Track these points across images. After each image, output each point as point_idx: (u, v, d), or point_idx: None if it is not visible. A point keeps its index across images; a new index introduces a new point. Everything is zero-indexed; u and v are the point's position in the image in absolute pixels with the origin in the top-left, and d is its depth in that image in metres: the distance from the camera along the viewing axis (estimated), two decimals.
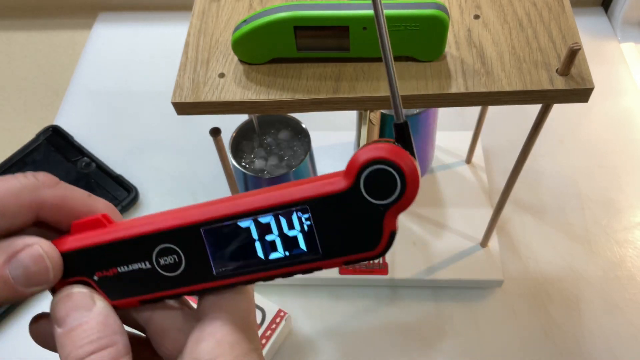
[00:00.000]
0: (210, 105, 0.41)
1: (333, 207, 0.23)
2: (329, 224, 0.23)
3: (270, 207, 0.23)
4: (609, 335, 0.60)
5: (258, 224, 0.24)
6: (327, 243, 0.23)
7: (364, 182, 0.22)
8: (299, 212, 0.23)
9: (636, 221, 0.67)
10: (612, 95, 0.79)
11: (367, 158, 0.22)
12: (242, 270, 0.25)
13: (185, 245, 0.24)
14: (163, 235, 0.25)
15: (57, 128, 0.77)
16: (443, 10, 0.38)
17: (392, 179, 0.22)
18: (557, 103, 0.41)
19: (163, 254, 0.25)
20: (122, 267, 0.25)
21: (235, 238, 0.24)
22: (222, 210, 0.24)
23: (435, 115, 0.62)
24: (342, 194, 0.22)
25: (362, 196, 0.22)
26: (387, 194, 0.22)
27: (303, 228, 0.23)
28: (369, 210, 0.22)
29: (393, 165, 0.22)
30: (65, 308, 0.24)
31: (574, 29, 0.42)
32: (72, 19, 0.94)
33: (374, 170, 0.22)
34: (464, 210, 0.66)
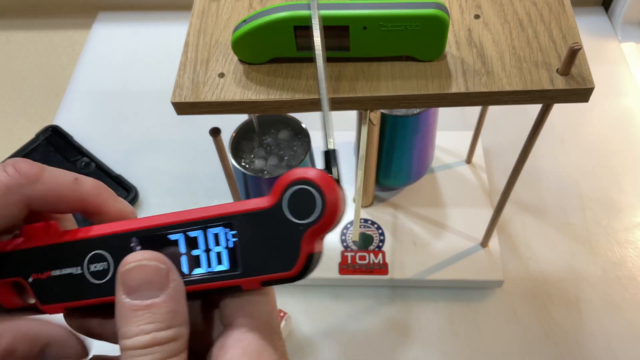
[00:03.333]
0: (210, 105, 0.40)
1: (257, 224, 0.23)
2: (252, 241, 0.24)
3: (200, 219, 0.24)
4: (609, 335, 0.59)
5: (187, 238, 0.24)
6: (247, 261, 0.24)
7: (287, 200, 0.23)
8: (226, 228, 0.24)
9: (637, 221, 0.67)
10: (613, 95, 0.79)
11: (292, 178, 0.23)
12: None
13: (116, 253, 0.25)
14: (96, 242, 0.25)
15: (56, 128, 0.76)
16: (443, 10, 0.38)
17: (312, 199, 0.23)
18: (557, 103, 0.41)
19: (94, 261, 0.25)
20: (55, 270, 0.25)
21: (164, 250, 0.24)
22: (155, 221, 0.25)
23: (435, 115, 0.62)
24: (266, 211, 0.23)
25: (283, 214, 0.23)
26: (307, 214, 0.23)
27: (228, 244, 0.24)
28: (289, 229, 0.23)
29: (315, 186, 0.23)
30: (138, 278, 0.23)
31: (575, 29, 0.42)
32: (71, 19, 0.94)
33: (297, 190, 0.23)
34: (464, 210, 0.66)
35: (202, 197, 0.71)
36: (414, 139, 0.61)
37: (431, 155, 0.68)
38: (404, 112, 0.58)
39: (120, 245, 0.25)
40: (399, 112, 0.58)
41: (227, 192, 0.60)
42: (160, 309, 0.23)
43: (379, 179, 0.66)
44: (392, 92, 0.40)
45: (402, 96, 0.40)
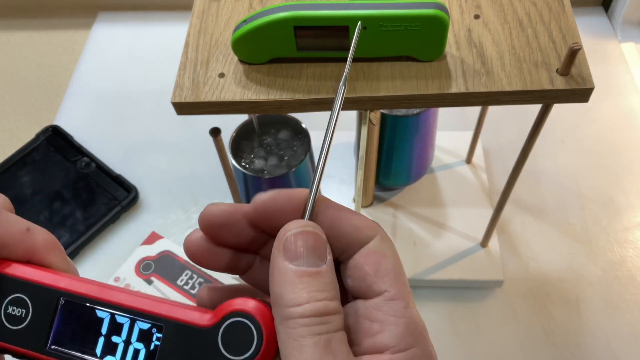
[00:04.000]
0: (210, 105, 0.41)
1: (186, 338, 0.22)
2: (174, 352, 0.22)
3: (132, 309, 0.23)
4: (609, 335, 0.59)
5: (113, 321, 0.23)
6: None
7: (224, 329, 0.22)
8: (154, 328, 0.23)
9: (636, 221, 0.67)
10: (613, 95, 0.79)
11: (235, 309, 0.22)
12: (73, 356, 0.24)
13: (39, 305, 0.24)
14: (24, 286, 0.24)
15: (56, 128, 0.77)
16: (443, 10, 0.38)
17: (250, 338, 0.22)
18: (557, 103, 0.41)
19: (14, 303, 0.24)
20: None
21: (86, 323, 0.23)
22: (91, 291, 0.23)
23: (435, 115, 0.62)
24: (201, 330, 0.22)
25: (216, 342, 0.22)
26: (239, 351, 0.22)
27: (149, 345, 0.23)
28: (214, 358, 0.22)
29: (256, 326, 0.21)
30: (302, 244, 0.22)
31: (574, 29, 0.42)
32: (72, 19, 0.94)
33: (236, 321, 0.22)
34: (464, 210, 0.66)
35: (202, 197, 0.71)
36: (414, 139, 0.61)
37: (431, 155, 0.68)
38: (404, 112, 0.58)
39: (47, 299, 0.23)
40: (399, 112, 0.58)
41: (227, 192, 0.60)
42: (326, 277, 0.22)
43: (379, 179, 0.66)
44: (392, 92, 0.40)
45: (402, 96, 0.40)
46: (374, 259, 0.23)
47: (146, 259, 0.61)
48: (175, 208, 0.71)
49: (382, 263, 0.23)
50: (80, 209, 0.69)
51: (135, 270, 0.60)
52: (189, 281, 0.59)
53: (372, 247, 0.24)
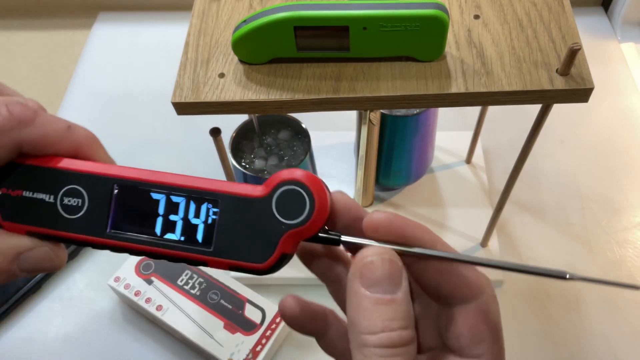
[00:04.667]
0: (210, 105, 0.41)
1: (241, 209, 0.23)
2: (231, 224, 0.23)
3: (187, 187, 0.24)
4: (608, 335, 0.60)
5: (169, 201, 0.24)
6: (221, 241, 0.24)
7: (277, 196, 0.23)
8: (209, 204, 0.24)
9: (636, 221, 0.67)
10: (612, 95, 0.79)
11: (290, 177, 0.23)
12: (133, 238, 0.24)
13: (94, 193, 0.24)
14: (78, 177, 0.25)
15: None
16: (443, 10, 0.38)
17: (302, 204, 0.23)
18: (557, 103, 0.41)
19: (69, 194, 0.25)
20: (27, 192, 0.25)
21: (142, 206, 0.24)
22: (142, 175, 0.25)
23: (435, 115, 0.62)
24: (254, 200, 0.23)
25: (271, 209, 0.23)
26: (293, 216, 0.23)
27: (207, 220, 0.24)
28: (271, 224, 0.23)
29: (309, 194, 0.23)
30: (379, 272, 0.22)
31: (574, 29, 0.42)
32: (72, 19, 0.94)
33: (291, 189, 0.23)
34: (464, 210, 0.66)
35: None
36: (413, 139, 0.61)
37: (431, 156, 0.68)
38: (404, 112, 0.58)
39: (102, 188, 0.24)
40: (399, 112, 0.58)
41: None
42: (401, 305, 0.22)
43: (379, 179, 0.66)
44: (392, 92, 0.40)
45: (402, 96, 0.40)
46: (473, 321, 0.23)
47: (146, 259, 0.61)
48: None
49: (482, 329, 0.23)
50: None
51: (135, 270, 0.60)
52: (189, 281, 0.59)
53: (475, 308, 0.24)
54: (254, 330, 0.56)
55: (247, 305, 0.58)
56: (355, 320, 0.22)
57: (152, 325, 0.62)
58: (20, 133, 0.24)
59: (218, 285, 0.59)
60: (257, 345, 0.55)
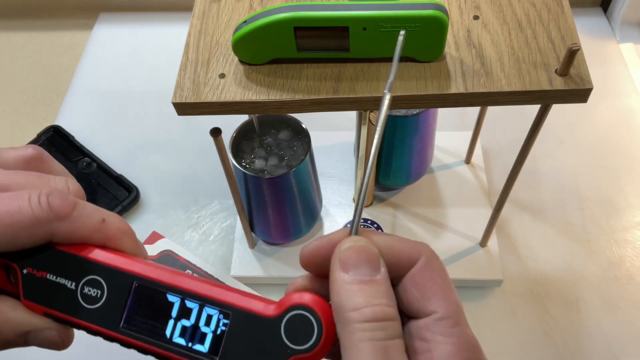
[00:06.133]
0: (210, 106, 0.41)
1: (251, 326, 0.24)
2: (239, 338, 0.24)
3: (203, 296, 0.25)
4: (608, 334, 0.60)
5: (183, 305, 0.25)
6: (227, 354, 0.24)
7: (287, 319, 0.23)
8: (222, 315, 0.24)
9: (635, 221, 0.67)
10: (611, 95, 0.79)
11: (298, 302, 0.23)
12: (142, 337, 0.25)
13: (114, 287, 0.25)
14: (100, 268, 0.25)
15: (58, 128, 0.77)
16: (442, 11, 0.38)
17: (310, 329, 0.23)
18: (556, 103, 0.41)
19: (90, 284, 0.25)
20: (51, 275, 0.26)
21: (157, 306, 0.25)
22: (163, 277, 0.25)
23: (435, 115, 0.62)
24: (265, 319, 0.24)
25: (279, 331, 0.23)
26: (300, 341, 0.23)
27: (216, 330, 0.24)
28: (277, 346, 0.23)
29: (317, 318, 0.23)
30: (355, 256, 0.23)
31: (573, 30, 0.42)
32: (72, 20, 0.95)
33: (298, 314, 0.23)
34: (463, 210, 0.67)
35: (203, 197, 0.72)
36: (413, 139, 0.61)
37: (430, 156, 0.68)
38: (403, 112, 0.58)
39: (121, 283, 0.25)
40: (398, 113, 0.58)
41: (227, 192, 0.60)
42: (381, 286, 0.23)
43: (378, 179, 0.66)
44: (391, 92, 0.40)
45: (402, 96, 0.40)
46: (419, 281, 0.24)
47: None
48: (176, 208, 0.71)
49: (428, 285, 0.24)
50: None
51: None
52: None
53: (417, 270, 0.25)
54: None
55: None
56: (339, 302, 0.23)
57: None
58: (54, 226, 0.24)
59: None
60: None
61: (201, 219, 0.70)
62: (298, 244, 0.65)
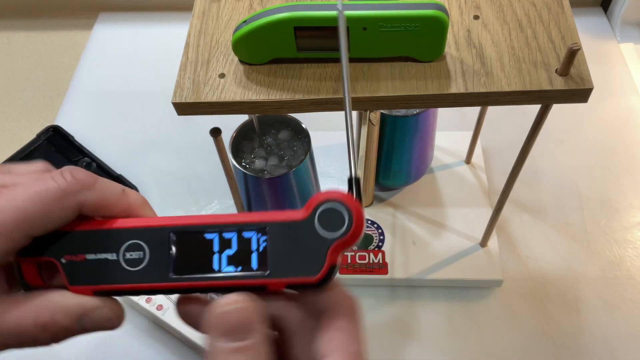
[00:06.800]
0: (210, 106, 0.41)
1: (288, 233, 0.26)
2: (281, 247, 0.26)
3: (236, 223, 0.26)
4: (608, 334, 0.60)
5: (221, 238, 0.26)
6: (275, 264, 0.26)
7: (318, 215, 0.26)
8: (259, 233, 0.26)
9: (635, 221, 0.67)
10: (612, 95, 0.79)
11: (325, 197, 0.26)
12: (195, 277, 0.26)
13: (153, 244, 0.27)
14: (135, 232, 0.27)
15: (57, 128, 0.77)
16: (443, 11, 0.38)
17: (341, 217, 0.25)
18: (556, 103, 0.41)
19: (131, 249, 0.27)
20: (91, 255, 0.27)
21: (198, 247, 0.26)
22: (192, 220, 0.27)
23: (435, 115, 0.62)
24: (299, 223, 0.26)
25: (314, 227, 0.26)
26: (335, 229, 0.25)
27: (258, 248, 0.26)
28: (317, 241, 0.25)
29: (344, 206, 0.25)
30: (228, 323, 0.24)
31: (573, 30, 0.42)
32: (72, 19, 0.94)
33: (328, 207, 0.26)
34: (463, 210, 0.67)
35: (203, 197, 0.72)
36: (413, 139, 0.61)
37: (430, 156, 0.68)
38: (403, 112, 0.58)
39: (159, 238, 0.27)
40: (398, 112, 0.58)
41: (227, 192, 0.60)
42: (250, 351, 0.24)
43: (378, 179, 0.66)
44: (391, 92, 0.40)
45: (402, 96, 0.40)
46: (325, 326, 0.26)
47: None
48: (176, 208, 0.71)
49: (333, 331, 0.26)
50: None
51: None
52: None
53: (329, 317, 0.26)
54: None
55: None
56: None
57: (152, 325, 0.62)
58: (83, 195, 0.26)
59: None
60: None
61: None
62: None
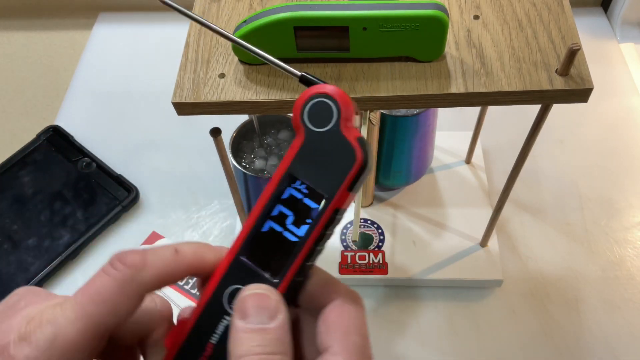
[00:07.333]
0: (210, 106, 0.41)
1: (305, 160, 0.26)
2: (314, 172, 0.26)
3: (272, 197, 0.26)
4: (608, 334, 0.60)
5: (274, 219, 0.26)
6: (324, 187, 0.26)
7: (309, 123, 0.26)
8: (290, 184, 0.26)
9: (635, 221, 0.67)
10: (612, 95, 0.79)
11: (296, 109, 0.26)
12: (286, 263, 0.26)
13: (236, 281, 0.27)
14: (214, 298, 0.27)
15: (57, 128, 0.77)
16: (443, 11, 0.38)
17: (325, 106, 0.26)
18: (556, 103, 0.41)
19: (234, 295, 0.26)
20: (213, 338, 0.27)
21: (267, 241, 0.26)
22: (241, 235, 0.27)
23: (435, 115, 0.62)
24: (304, 145, 0.26)
25: (315, 133, 0.26)
26: (328, 118, 0.26)
27: (303, 191, 0.26)
28: (329, 137, 0.26)
29: (336, 102, 0.26)
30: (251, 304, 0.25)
31: (574, 30, 0.42)
32: (72, 19, 0.94)
33: (308, 110, 0.26)
34: (463, 210, 0.67)
35: (203, 197, 0.72)
36: (413, 139, 0.61)
37: (431, 156, 0.68)
38: (403, 112, 0.58)
39: (236, 275, 0.26)
40: (398, 112, 0.58)
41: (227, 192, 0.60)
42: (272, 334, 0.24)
43: (378, 179, 0.66)
44: (391, 92, 0.40)
45: (402, 96, 0.40)
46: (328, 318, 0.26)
47: None
48: (176, 208, 0.71)
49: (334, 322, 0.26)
50: (81, 209, 0.69)
51: None
52: (190, 281, 0.59)
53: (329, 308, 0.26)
54: None
55: None
56: (229, 349, 0.24)
57: None
58: (139, 278, 0.25)
59: None
60: None
61: (201, 219, 0.69)
62: None
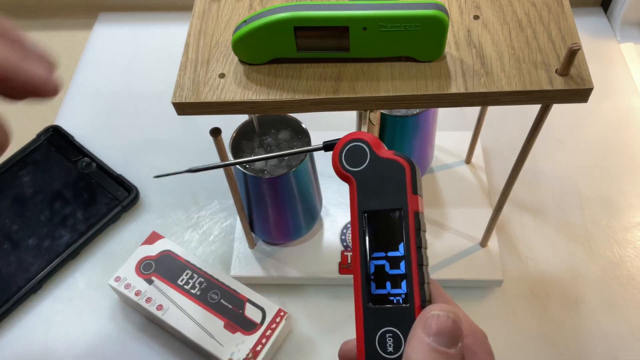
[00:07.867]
0: (210, 106, 0.41)
1: (366, 195, 0.29)
2: (379, 200, 0.29)
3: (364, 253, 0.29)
4: (608, 335, 0.60)
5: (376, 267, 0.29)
6: (394, 203, 0.28)
7: (352, 168, 0.29)
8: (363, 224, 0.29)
9: (636, 221, 0.67)
10: (612, 95, 0.79)
11: (337, 169, 0.30)
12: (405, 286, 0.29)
13: None
14: None
15: (57, 128, 0.77)
16: (443, 11, 0.38)
17: (355, 148, 0.30)
18: (556, 103, 0.41)
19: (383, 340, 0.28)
20: None
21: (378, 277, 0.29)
22: None
23: (435, 115, 0.62)
24: (358, 187, 0.29)
25: (359, 172, 0.29)
26: (363, 154, 0.29)
27: (369, 227, 0.29)
28: (374, 169, 0.29)
29: (345, 146, 0.30)
30: (441, 325, 0.26)
31: (574, 29, 0.42)
32: (72, 19, 0.94)
33: (345, 160, 0.30)
34: (463, 210, 0.67)
35: (203, 197, 0.72)
36: (413, 139, 0.61)
37: (431, 156, 0.68)
38: (403, 112, 0.58)
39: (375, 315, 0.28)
40: (399, 112, 0.58)
41: (227, 192, 0.60)
42: (449, 359, 0.25)
43: None
44: (391, 92, 0.40)
45: (402, 96, 0.40)
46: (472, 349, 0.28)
47: (147, 259, 0.61)
48: (176, 208, 0.71)
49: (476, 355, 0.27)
50: (81, 209, 0.69)
51: (135, 269, 0.60)
52: (190, 281, 0.59)
53: (470, 340, 0.28)
54: (254, 330, 0.56)
55: (247, 305, 0.58)
56: (411, 356, 0.25)
57: (152, 325, 0.62)
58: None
59: (218, 285, 0.59)
60: (257, 345, 0.55)
61: (201, 219, 0.69)
62: (298, 244, 0.65)
